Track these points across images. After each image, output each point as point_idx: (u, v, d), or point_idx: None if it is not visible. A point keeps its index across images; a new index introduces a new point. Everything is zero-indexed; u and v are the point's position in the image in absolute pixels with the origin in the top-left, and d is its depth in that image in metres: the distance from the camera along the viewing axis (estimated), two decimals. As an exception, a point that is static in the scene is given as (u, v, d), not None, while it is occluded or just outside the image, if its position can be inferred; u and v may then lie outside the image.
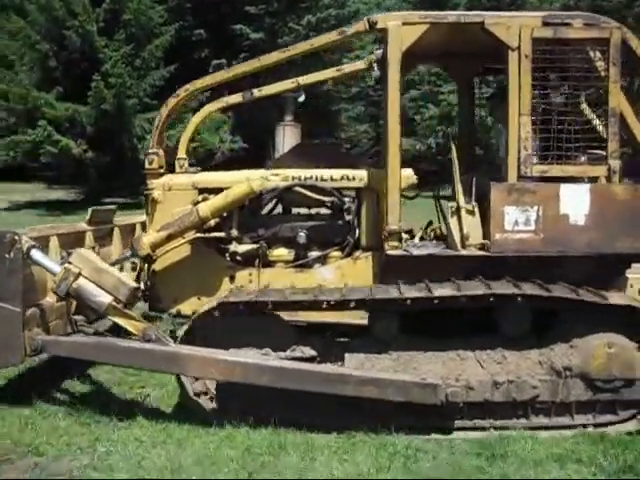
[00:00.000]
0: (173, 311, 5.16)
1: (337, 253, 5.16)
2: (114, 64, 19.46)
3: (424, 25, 4.73)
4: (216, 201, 4.89)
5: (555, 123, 4.76)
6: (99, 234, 5.32)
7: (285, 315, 4.64)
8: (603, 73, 4.69)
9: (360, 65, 5.70)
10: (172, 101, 5.18)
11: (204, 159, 20.08)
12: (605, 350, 4.47)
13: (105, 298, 4.27)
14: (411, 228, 5.37)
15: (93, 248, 5.16)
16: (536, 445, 4.20)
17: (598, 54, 4.69)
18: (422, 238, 5.32)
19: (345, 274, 5.05)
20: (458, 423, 4.51)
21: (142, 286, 5.11)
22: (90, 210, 5.37)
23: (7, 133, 21.12)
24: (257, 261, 5.10)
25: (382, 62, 4.92)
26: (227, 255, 5.11)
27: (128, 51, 20.28)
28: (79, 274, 4.24)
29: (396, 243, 4.84)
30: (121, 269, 4.84)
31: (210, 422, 4.37)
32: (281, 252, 5.16)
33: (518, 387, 4.46)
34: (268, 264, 5.15)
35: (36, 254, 4.27)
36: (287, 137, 5.68)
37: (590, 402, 4.53)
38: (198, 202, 4.95)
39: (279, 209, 5.47)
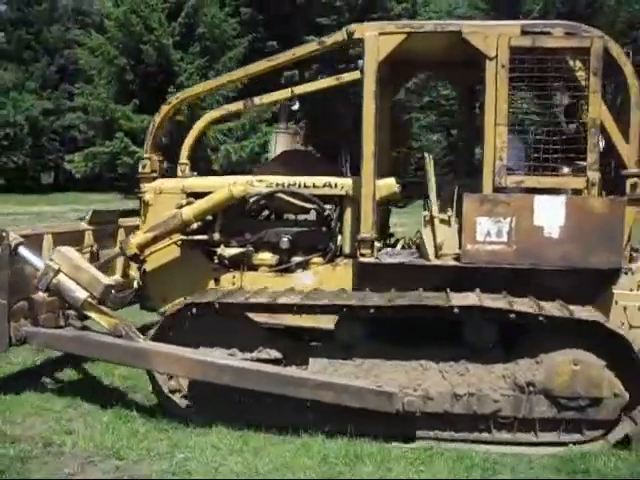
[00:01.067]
0: (162, 310, 5.38)
1: (319, 259, 5.24)
2: (189, 76, 20.10)
3: (401, 35, 4.77)
4: (198, 205, 5.09)
5: (534, 134, 4.69)
6: (100, 234, 5.62)
7: (253, 317, 4.76)
8: (583, 83, 4.58)
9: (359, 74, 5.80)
10: (164, 108, 5.44)
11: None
12: (570, 367, 4.35)
13: (81, 294, 4.53)
14: (394, 236, 5.38)
15: (91, 247, 5.47)
16: (618, 462, 4.11)
17: (579, 63, 4.58)
18: (403, 247, 5.32)
19: (323, 280, 5.12)
20: (419, 433, 4.49)
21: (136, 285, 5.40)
22: (90, 211, 5.70)
23: (86, 145, 22.27)
24: (241, 265, 5.26)
25: (360, 71, 4.98)
26: (212, 258, 5.29)
27: (202, 63, 20.87)
28: (59, 270, 4.53)
29: (368, 251, 4.88)
30: (108, 268, 5.11)
31: (286, 430, 4.43)
32: (265, 256, 5.29)
33: (479, 400, 4.41)
34: (253, 267, 5.30)
35: (23, 251, 4.59)
36: (279, 144, 5.84)
37: (555, 420, 4.41)
38: (182, 205, 5.16)
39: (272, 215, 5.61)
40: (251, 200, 5.20)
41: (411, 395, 4.37)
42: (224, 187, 5.05)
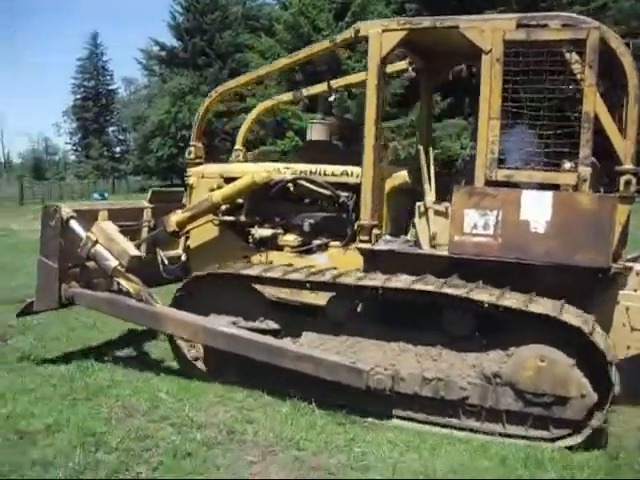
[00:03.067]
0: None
1: (336, 243, 5.61)
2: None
3: (402, 31, 4.97)
4: (226, 189, 5.69)
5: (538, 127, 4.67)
6: (159, 212, 6.41)
7: (261, 289, 5.27)
8: (579, 76, 4.48)
9: (402, 65, 6.07)
10: (207, 101, 6.08)
11: (443, 166, 20.83)
12: (536, 363, 4.35)
13: (112, 262, 5.32)
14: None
15: (149, 223, 6.29)
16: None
17: (575, 56, 4.48)
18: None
19: (336, 262, 5.49)
20: (395, 411, 4.75)
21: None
22: (151, 190, 6.54)
23: (257, 144, 23.85)
24: (269, 244, 5.79)
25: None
26: (243, 237, 5.87)
27: None
28: (96, 241, 5.36)
29: (366, 237, 5.18)
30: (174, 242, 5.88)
31: (462, 430, 4.52)
32: (289, 238, 5.77)
33: (447, 386, 4.57)
34: (279, 248, 5.80)
35: (73, 223, 5.48)
36: (314, 134, 6.23)
37: (521, 414, 4.44)
38: (214, 189, 5.79)
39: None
40: (275, 186, 5.69)
41: (381, 374, 4.64)
42: (248, 173, 5.60)
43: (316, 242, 5.68)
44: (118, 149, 62.48)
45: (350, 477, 3.77)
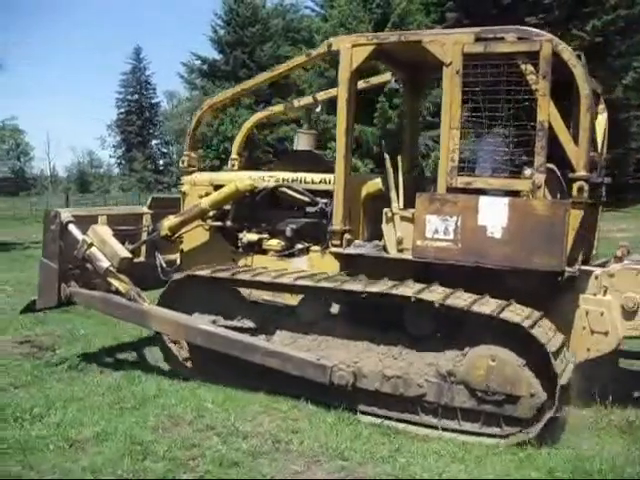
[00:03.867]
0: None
1: (317, 247, 5.87)
2: None
3: (370, 46, 5.23)
4: (213, 196, 6.03)
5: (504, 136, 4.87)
6: (158, 217, 6.77)
7: (238, 290, 5.56)
8: (534, 86, 4.65)
9: (387, 77, 6.36)
10: (198, 113, 6.43)
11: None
12: (487, 362, 4.52)
13: (104, 263, 5.69)
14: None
15: (147, 227, 6.67)
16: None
17: (530, 67, 4.66)
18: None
19: (314, 265, 5.76)
20: (361, 407, 4.96)
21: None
22: (150, 197, 6.92)
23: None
24: (255, 248, 6.09)
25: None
26: (230, 241, 6.19)
27: None
28: (91, 244, 5.75)
29: (337, 242, 5.43)
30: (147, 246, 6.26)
31: (509, 440, 4.46)
32: (273, 242, 6.06)
33: (405, 383, 4.77)
34: (264, 252, 6.10)
35: (72, 227, 5.87)
36: (300, 144, 6.53)
37: (475, 411, 4.60)
38: (202, 196, 6.13)
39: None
40: (259, 193, 5.99)
41: (343, 370, 4.87)
42: (233, 181, 5.92)
43: (298, 246, 5.95)
44: (161, 162, 64.02)
45: None
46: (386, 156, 5.26)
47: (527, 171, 4.83)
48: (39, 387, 5.39)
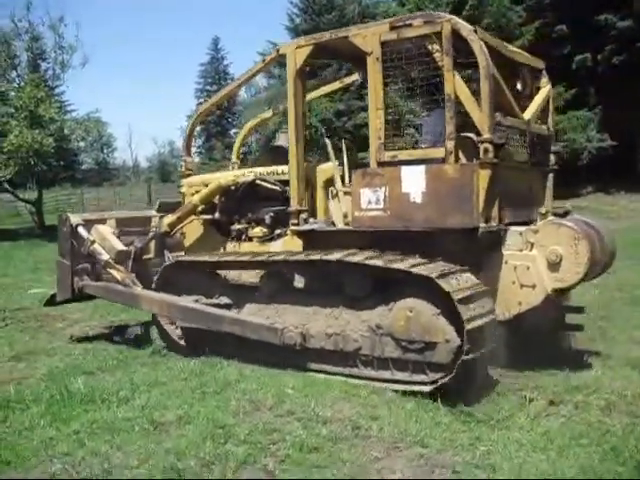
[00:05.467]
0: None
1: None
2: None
3: (309, 47, 5.89)
4: (201, 193, 6.87)
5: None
6: (165, 220, 7.68)
7: (217, 273, 6.31)
8: (440, 63, 5.13)
9: (354, 77, 6.99)
10: (191, 121, 7.31)
11: (570, 160, 20.06)
12: (406, 313, 4.97)
13: (104, 256, 6.67)
14: None
15: (156, 229, 7.58)
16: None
17: (436, 47, 5.15)
18: None
19: (287, 246, 6.40)
20: (311, 365, 5.54)
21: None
22: (158, 202, 7.85)
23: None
24: (242, 237, 6.84)
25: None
26: (221, 232, 6.98)
27: None
28: (93, 241, 6.74)
29: (295, 221, 6.06)
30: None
31: (592, 432, 4.25)
32: (256, 230, 6.78)
33: (344, 339, 5.30)
34: (250, 239, 6.84)
35: (80, 229, 6.89)
36: (280, 140, 7.21)
37: (403, 360, 5.05)
38: (193, 194, 6.98)
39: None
40: (240, 187, 6.76)
41: (292, 332, 5.47)
42: (218, 179, 6.73)
43: (277, 231, 6.63)
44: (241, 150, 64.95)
45: (476, 476, 3.70)
46: (327, 141, 5.86)
47: (450, 143, 5.28)
48: (124, 371, 5.78)
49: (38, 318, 8.41)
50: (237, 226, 6.86)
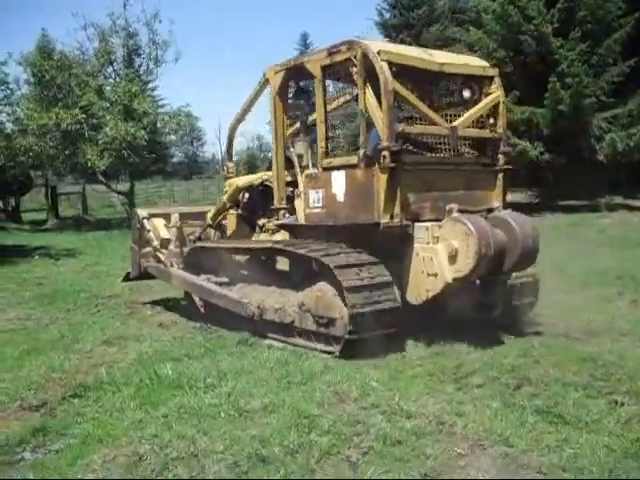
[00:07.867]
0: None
1: (294, 223, 7.78)
2: (570, 64, 19.71)
3: (283, 71, 7.07)
4: (228, 193, 8.37)
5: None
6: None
7: (223, 254, 7.77)
8: (357, 82, 6.05)
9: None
10: (228, 132, 8.75)
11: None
12: (316, 293, 6.01)
13: (155, 242, 8.46)
14: None
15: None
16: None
17: (354, 69, 6.07)
18: None
19: (284, 236, 7.66)
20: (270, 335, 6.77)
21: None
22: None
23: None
24: (262, 228, 8.24)
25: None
26: (247, 224, 8.42)
27: (584, 49, 20.11)
28: (149, 231, 8.56)
29: (277, 216, 7.29)
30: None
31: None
32: (270, 224, 8.12)
33: (283, 313, 6.45)
34: (267, 230, 8.20)
35: (145, 222, 8.75)
36: (296, 149, 8.35)
37: (318, 333, 6.08)
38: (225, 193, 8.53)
39: None
40: (256, 188, 8.15)
41: (252, 305, 6.73)
42: (235, 181, 8.21)
43: None
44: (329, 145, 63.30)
45: (563, 478, 3.59)
46: (291, 147, 7.03)
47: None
48: (211, 359, 5.88)
49: (128, 305, 9.12)
50: (260, 220, 8.24)
